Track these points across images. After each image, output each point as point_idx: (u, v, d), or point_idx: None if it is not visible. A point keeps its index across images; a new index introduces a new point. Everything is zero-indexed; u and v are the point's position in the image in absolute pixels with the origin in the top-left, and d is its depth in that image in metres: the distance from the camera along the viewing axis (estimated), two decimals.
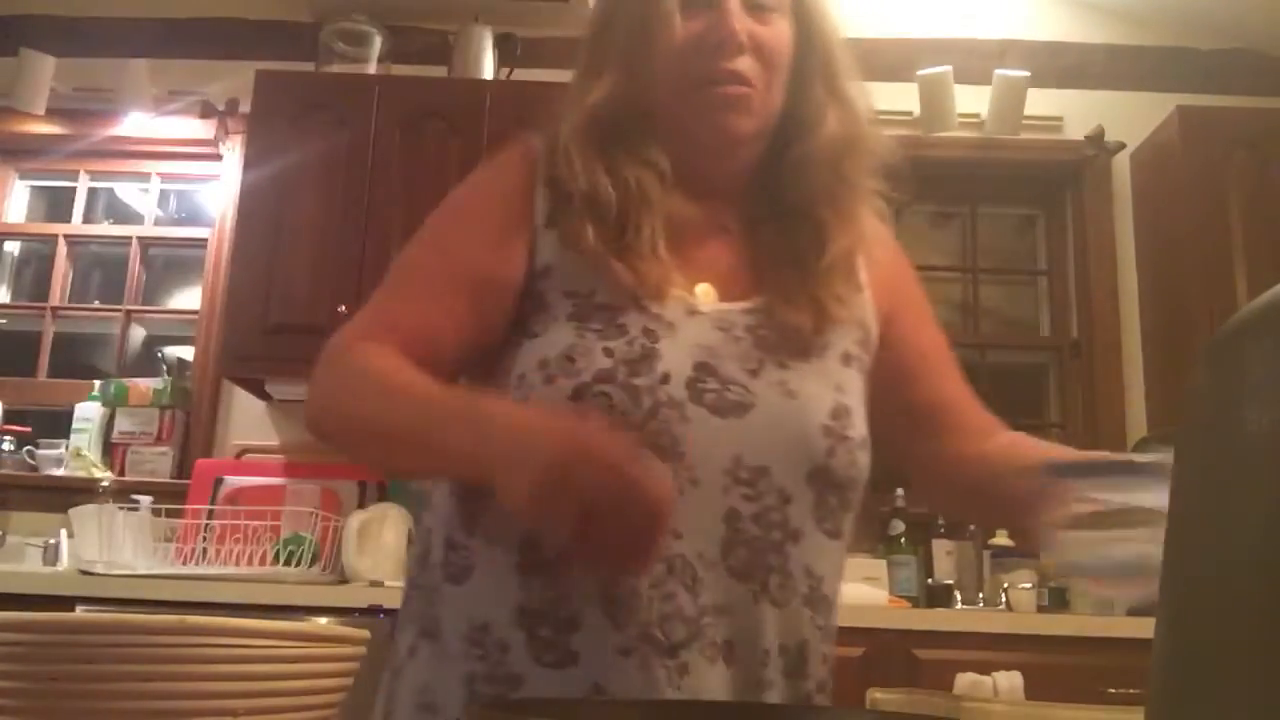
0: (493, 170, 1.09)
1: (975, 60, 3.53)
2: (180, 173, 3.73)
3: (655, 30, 1.01)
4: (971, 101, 3.46)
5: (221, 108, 3.47)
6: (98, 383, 3.40)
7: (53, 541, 3.06)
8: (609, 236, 0.99)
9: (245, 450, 3.33)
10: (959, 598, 3.00)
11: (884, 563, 3.00)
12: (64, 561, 3.00)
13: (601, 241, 0.99)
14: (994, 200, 3.76)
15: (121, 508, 2.73)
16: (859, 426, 1.01)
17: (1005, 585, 2.92)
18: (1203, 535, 0.33)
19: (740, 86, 1.01)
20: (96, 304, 3.84)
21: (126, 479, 3.22)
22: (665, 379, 0.93)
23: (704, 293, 1.03)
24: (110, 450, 3.32)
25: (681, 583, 0.92)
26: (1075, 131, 3.52)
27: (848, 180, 1.05)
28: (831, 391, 1.01)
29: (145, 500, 2.90)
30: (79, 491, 3.07)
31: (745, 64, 1.00)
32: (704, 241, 1.06)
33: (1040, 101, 3.48)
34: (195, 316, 3.51)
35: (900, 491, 3.09)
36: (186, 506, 3.05)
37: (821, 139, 1.04)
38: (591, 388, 0.92)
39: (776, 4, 1.03)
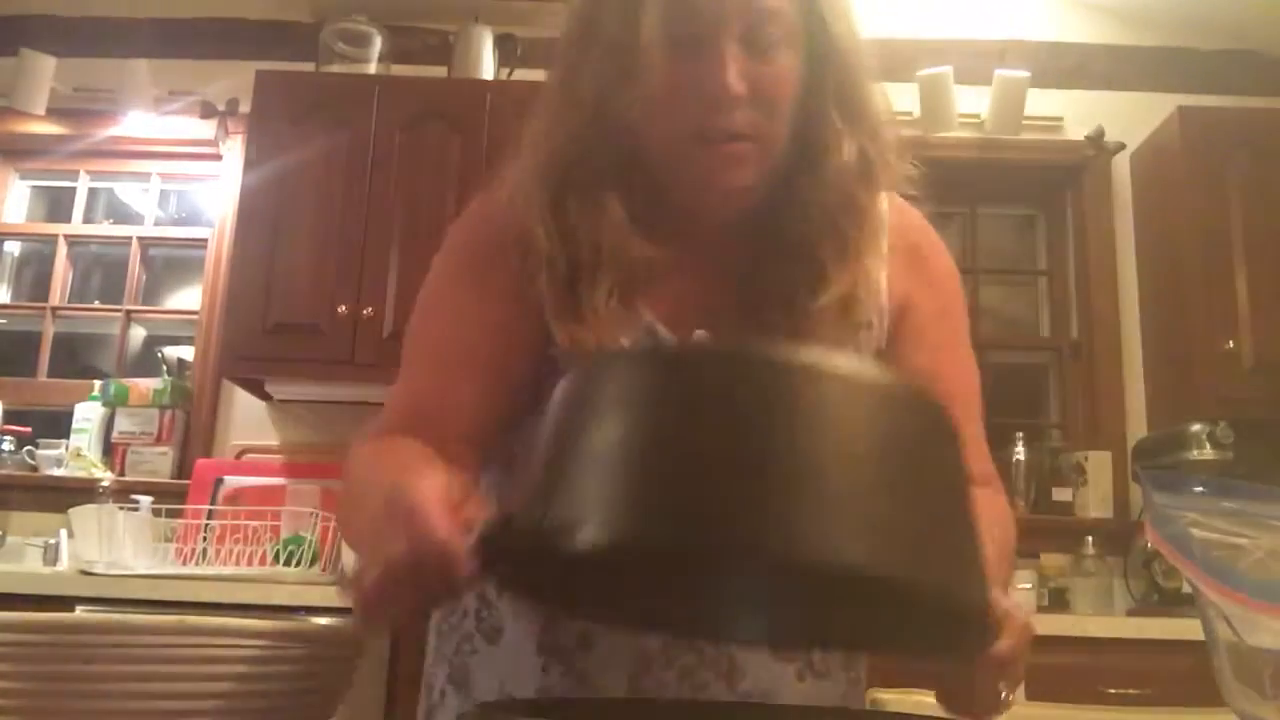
0: (482, 222, 1.02)
1: (975, 60, 3.53)
2: (180, 173, 3.73)
3: (635, 71, 0.88)
4: (972, 102, 3.46)
5: (222, 108, 3.47)
6: (98, 383, 3.40)
7: (53, 542, 3.06)
8: (562, 295, 0.92)
9: (245, 450, 3.33)
10: None
11: None
12: (64, 562, 3.00)
13: (556, 301, 0.92)
14: (994, 200, 3.76)
15: (121, 508, 2.73)
16: None
17: None
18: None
19: (737, 144, 0.89)
20: (96, 304, 3.83)
21: (126, 479, 3.22)
22: None
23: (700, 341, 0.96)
24: (110, 450, 3.32)
25: (715, 671, 0.90)
26: (1075, 132, 3.52)
27: (859, 210, 0.95)
28: None
29: (145, 500, 2.90)
30: (79, 491, 3.07)
31: (743, 117, 0.88)
32: (688, 285, 0.97)
33: (1040, 102, 3.48)
34: (195, 316, 3.51)
35: None
36: (186, 506, 3.05)
37: (831, 170, 0.93)
38: None
39: (782, 34, 0.89)
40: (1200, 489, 0.84)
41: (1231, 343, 3.04)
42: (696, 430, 0.55)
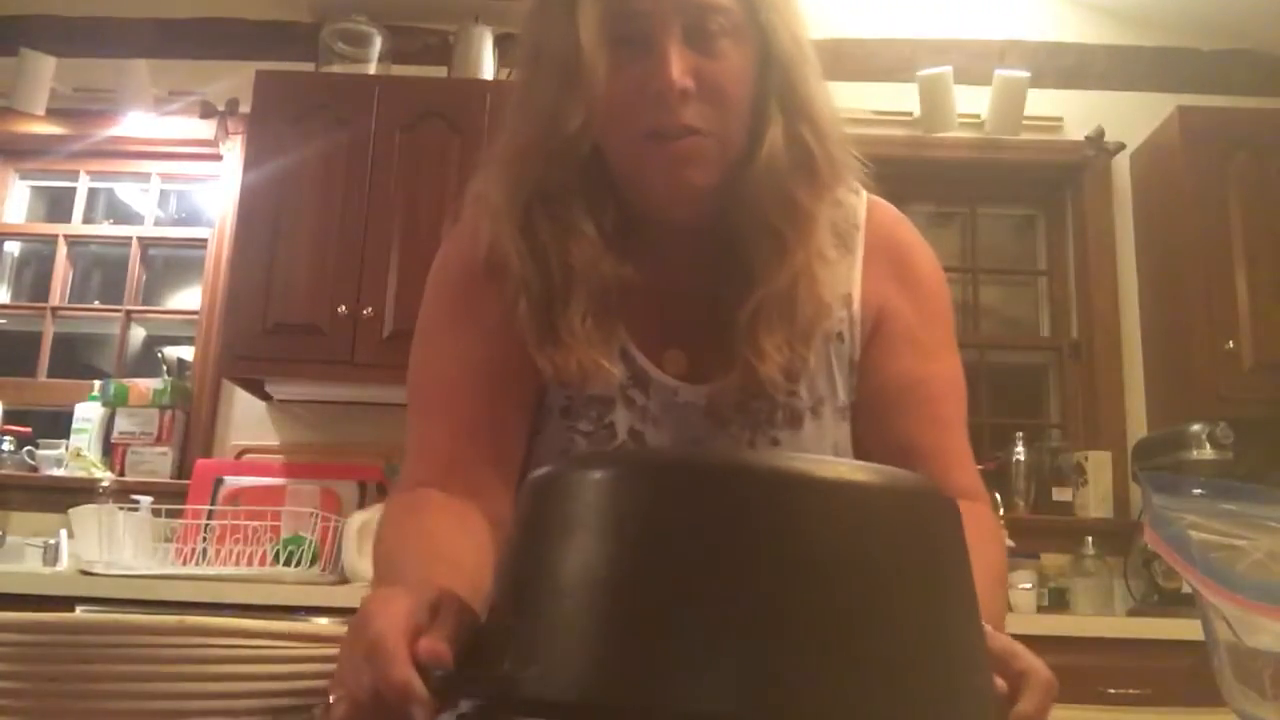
0: (461, 256, 1.01)
1: (975, 60, 3.53)
2: (180, 173, 3.73)
3: (581, 75, 0.87)
4: (972, 102, 3.46)
5: (221, 108, 3.47)
6: (98, 383, 3.40)
7: (53, 542, 3.06)
8: (540, 319, 0.91)
9: (245, 450, 3.33)
10: None
11: None
12: (64, 562, 3.00)
13: (534, 327, 0.91)
14: (994, 200, 3.76)
15: (121, 508, 2.73)
16: None
17: None
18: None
19: (691, 138, 0.88)
20: (96, 304, 3.83)
21: (126, 479, 3.22)
22: None
23: (673, 360, 0.97)
24: (110, 450, 3.32)
25: None
26: (1075, 132, 3.52)
27: (795, 207, 0.91)
28: (829, 455, 0.94)
29: (145, 500, 2.90)
30: (79, 492, 3.07)
31: (693, 112, 0.87)
32: (658, 299, 0.96)
33: (1040, 102, 3.48)
34: (195, 317, 3.51)
35: None
36: (186, 507, 3.05)
37: (764, 165, 0.90)
38: None
39: (727, 27, 0.88)
40: (1199, 491, 0.84)
41: (1231, 343, 3.04)
42: (673, 565, 0.51)
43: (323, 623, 2.40)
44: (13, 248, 3.84)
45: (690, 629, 0.50)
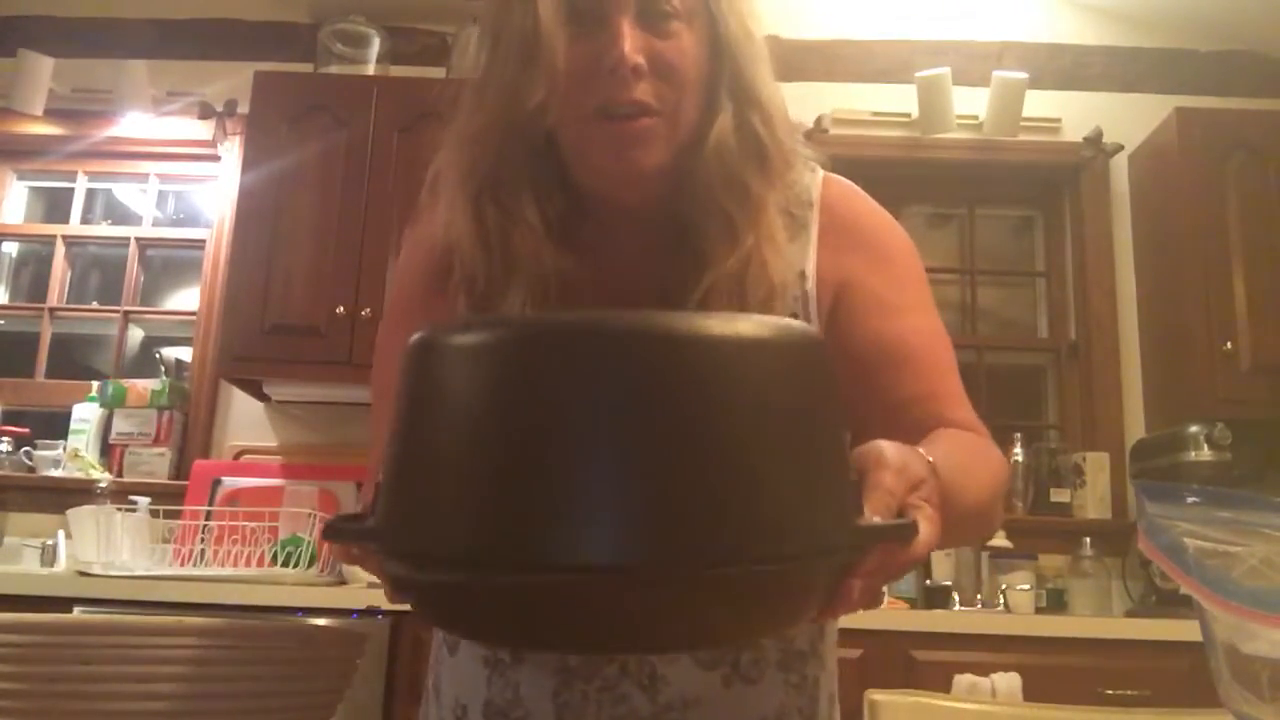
0: (416, 254, 1.02)
1: (973, 62, 3.54)
2: (178, 174, 3.73)
3: (541, 52, 0.88)
4: (970, 103, 3.46)
5: (220, 109, 3.47)
6: (95, 384, 3.40)
7: (50, 543, 3.06)
8: (475, 309, 0.92)
9: (243, 451, 3.33)
10: (957, 599, 3.00)
11: None
12: (62, 563, 3.00)
13: (472, 311, 0.92)
14: (992, 202, 3.76)
15: (119, 509, 2.73)
16: None
17: (1004, 586, 2.92)
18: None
19: (642, 118, 0.88)
20: (94, 305, 3.83)
21: (124, 480, 3.22)
22: None
23: None
24: (108, 451, 3.32)
25: (637, 683, 0.90)
26: (1073, 133, 3.53)
27: (744, 190, 0.91)
28: None
29: (143, 501, 2.90)
30: (77, 492, 3.07)
31: (645, 89, 0.87)
32: (609, 290, 0.95)
33: (1038, 103, 3.48)
34: (193, 317, 3.51)
35: None
36: (184, 507, 3.05)
37: (709, 145, 0.91)
38: None
39: (680, 10, 0.89)
40: (1194, 499, 0.84)
41: (1229, 344, 3.04)
42: (526, 422, 0.52)
43: (320, 624, 2.40)
44: (11, 248, 3.84)
45: (546, 488, 0.51)
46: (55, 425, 3.41)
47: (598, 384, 0.52)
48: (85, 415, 3.32)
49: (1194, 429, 2.92)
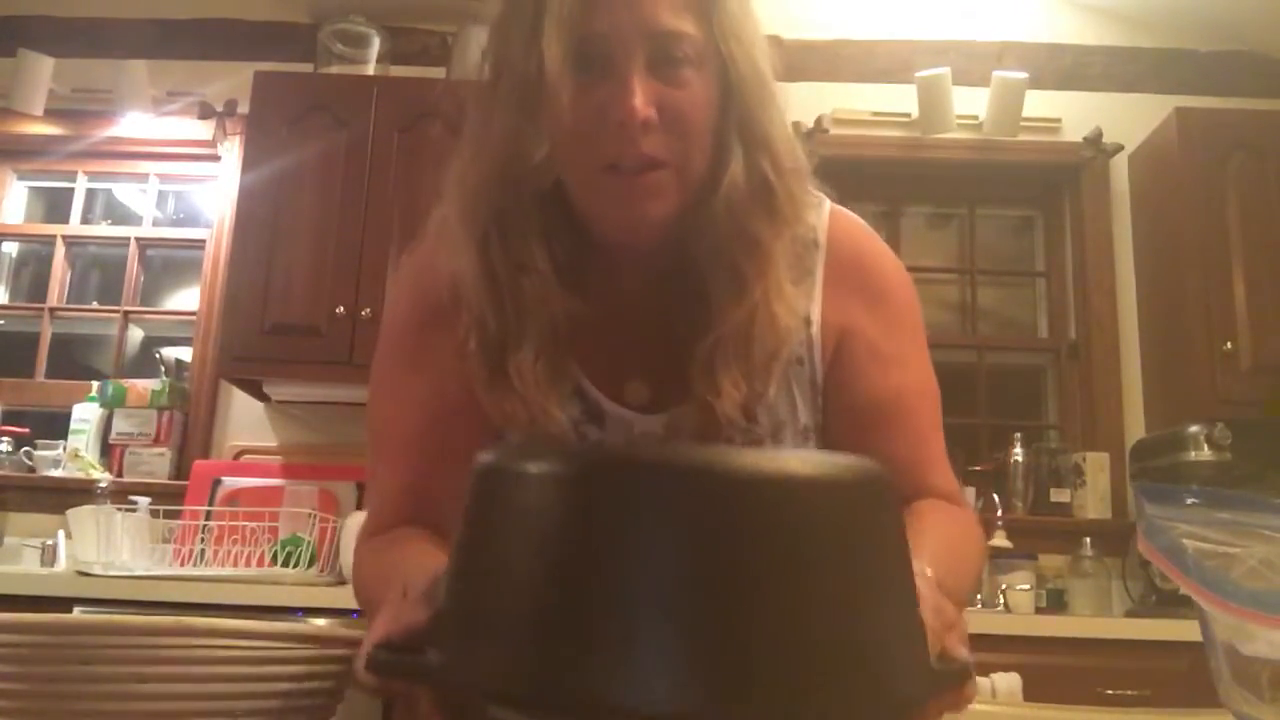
0: (414, 292, 1.01)
1: (973, 62, 3.54)
2: (178, 174, 3.73)
3: (542, 104, 0.85)
4: (970, 103, 3.46)
5: (220, 109, 3.47)
6: (95, 384, 3.40)
7: (50, 543, 3.06)
8: (491, 360, 0.90)
9: (243, 451, 3.33)
10: None
11: None
12: (62, 563, 3.00)
13: (484, 370, 0.90)
14: (992, 201, 3.76)
15: (119, 509, 2.73)
16: None
17: (1003, 587, 2.92)
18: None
19: (651, 171, 0.85)
20: (94, 305, 3.83)
21: (124, 480, 3.22)
22: None
23: (634, 391, 0.96)
24: (108, 451, 3.32)
25: None
26: (1073, 133, 3.53)
27: (753, 241, 0.89)
28: None
29: (143, 501, 2.90)
30: (77, 492, 3.07)
31: (655, 142, 0.84)
32: (613, 336, 0.95)
33: (1038, 103, 3.48)
34: (193, 317, 3.51)
35: None
36: (184, 508, 3.05)
37: (723, 199, 0.88)
38: None
39: (691, 55, 0.86)
40: (1193, 500, 0.84)
41: (1229, 344, 3.04)
42: (592, 559, 0.51)
43: (320, 624, 2.40)
44: (11, 248, 3.84)
45: (609, 625, 0.50)
46: (55, 425, 3.41)
47: (663, 524, 0.51)
48: (85, 415, 3.32)
49: (1194, 429, 2.92)
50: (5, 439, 3.36)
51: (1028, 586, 2.89)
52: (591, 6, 0.84)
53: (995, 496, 3.18)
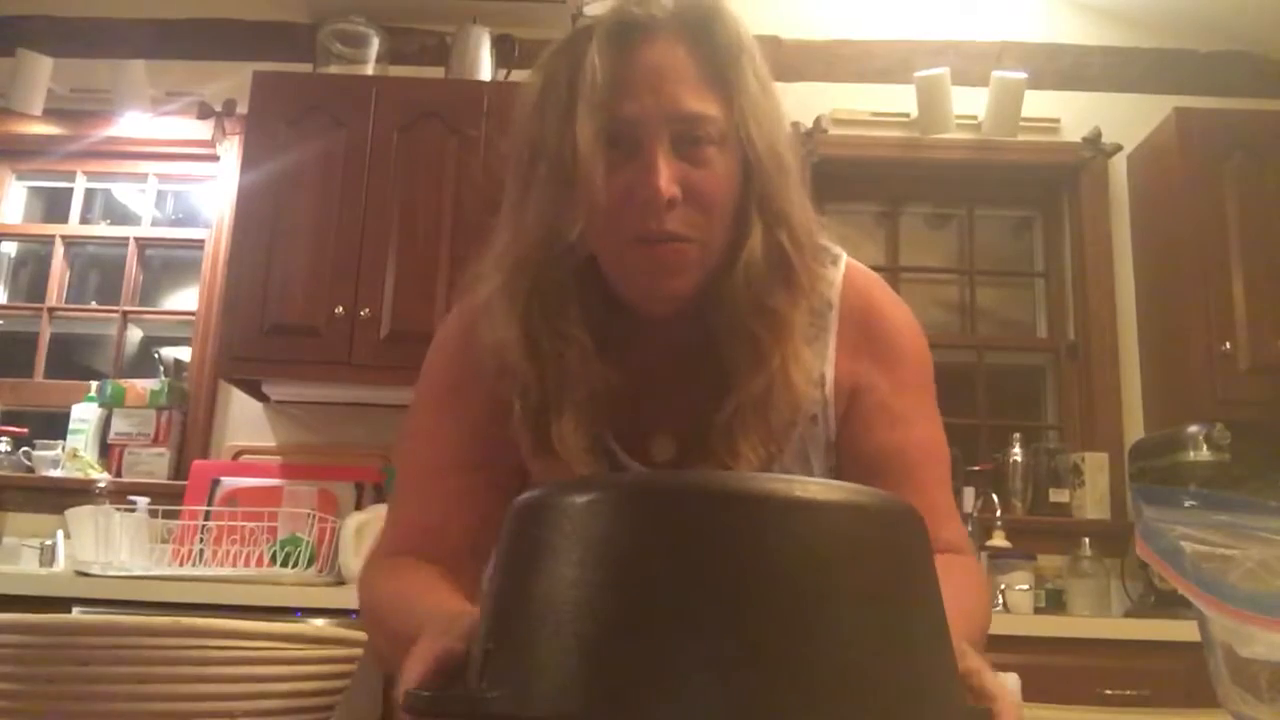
0: (458, 349, 1.06)
1: (973, 62, 3.54)
2: (177, 174, 3.72)
3: (575, 183, 0.90)
4: (969, 103, 3.46)
5: (219, 109, 3.47)
6: (94, 383, 3.40)
7: (49, 543, 3.06)
8: (533, 421, 0.96)
9: (242, 451, 3.33)
10: None
11: None
12: (60, 563, 2.99)
13: (530, 435, 0.97)
14: (991, 202, 3.76)
15: (118, 509, 2.73)
16: None
17: (1002, 586, 2.92)
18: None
19: (675, 245, 0.91)
20: (93, 305, 3.83)
21: (123, 480, 3.22)
22: None
23: (662, 446, 1.01)
24: (107, 451, 3.32)
25: None
26: (1073, 133, 3.53)
27: (771, 312, 0.94)
28: None
29: (142, 501, 2.90)
30: (75, 492, 3.07)
31: (678, 218, 0.90)
32: (649, 395, 1.00)
33: (1038, 103, 3.48)
34: (192, 317, 3.51)
35: None
36: (183, 508, 3.04)
37: (742, 272, 0.93)
38: None
39: (714, 136, 0.92)
40: (1191, 502, 0.84)
41: (1228, 344, 3.04)
42: (641, 588, 0.52)
43: (319, 624, 2.40)
44: (10, 248, 3.83)
45: (657, 652, 0.50)
46: (54, 425, 3.41)
47: (712, 548, 0.52)
48: (84, 415, 3.32)
49: (1193, 429, 2.92)
50: (4, 439, 3.36)
51: (1026, 587, 2.89)
52: (621, 91, 0.90)
53: (994, 496, 3.18)
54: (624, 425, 1.00)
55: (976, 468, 3.29)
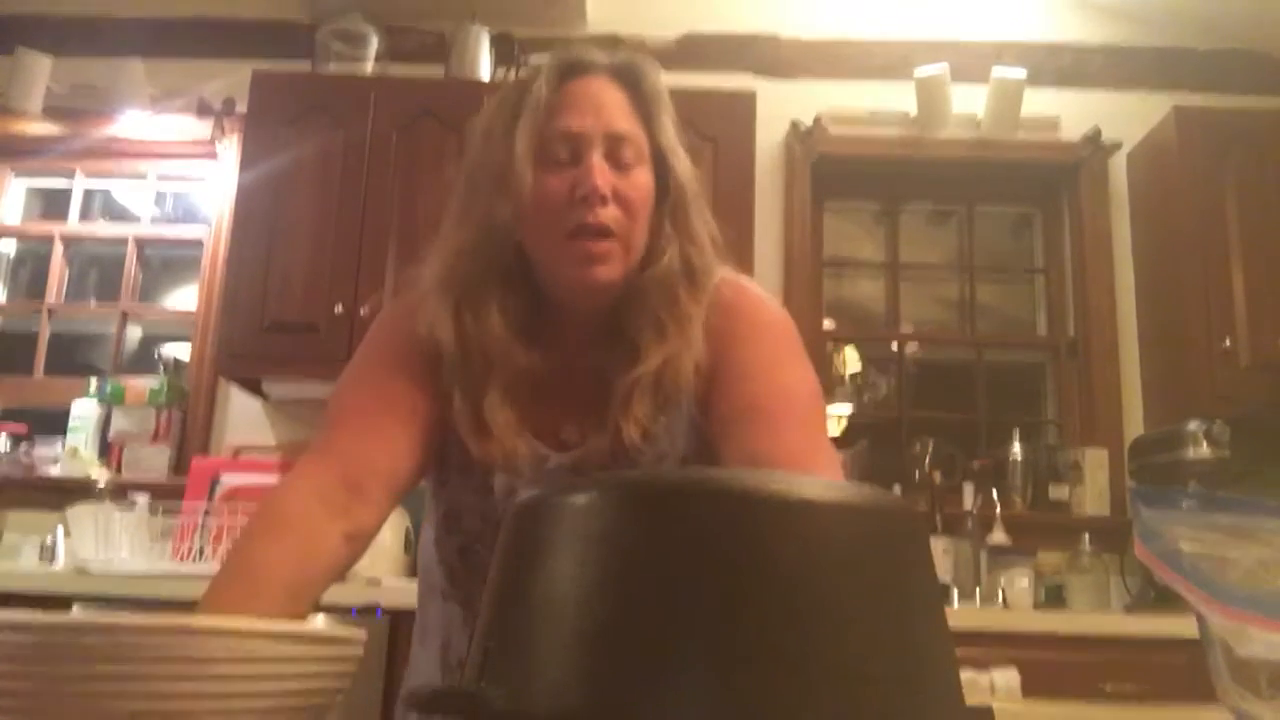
0: (400, 323, 1.17)
1: (972, 60, 3.54)
2: (176, 172, 3.72)
3: (511, 185, 1.08)
4: (968, 101, 3.46)
5: (218, 107, 3.47)
6: (94, 381, 3.40)
7: (49, 540, 3.06)
8: (469, 408, 1.10)
9: (242, 449, 3.33)
10: (956, 595, 3.00)
11: None
12: (60, 560, 3.00)
13: (465, 416, 1.10)
14: (991, 199, 3.76)
15: (118, 507, 2.73)
16: None
17: (1002, 583, 2.92)
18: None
19: (605, 240, 1.07)
20: (93, 303, 3.83)
21: (123, 478, 3.22)
22: None
23: (570, 433, 1.15)
24: (107, 449, 3.32)
25: None
26: (1072, 131, 3.53)
27: (678, 305, 1.11)
28: None
29: (142, 499, 2.90)
30: (75, 490, 3.07)
31: (610, 215, 1.07)
32: (563, 385, 1.14)
33: (1037, 101, 3.48)
34: (192, 316, 3.51)
35: (897, 488, 3.09)
36: (183, 505, 3.04)
37: (659, 270, 1.11)
38: (471, 546, 1.14)
39: (636, 158, 1.11)
40: (1189, 502, 0.84)
41: (1228, 341, 3.05)
42: (639, 585, 0.52)
43: (320, 621, 2.40)
44: (9, 247, 3.83)
45: (657, 650, 0.50)
46: (54, 423, 3.41)
47: (709, 545, 0.52)
48: (84, 413, 3.32)
49: (1192, 426, 2.92)
50: (4, 437, 3.36)
51: (1027, 583, 2.89)
52: (566, 110, 1.10)
53: (994, 493, 3.19)
54: (539, 408, 1.14)
55: (976, 464, 3.29)
